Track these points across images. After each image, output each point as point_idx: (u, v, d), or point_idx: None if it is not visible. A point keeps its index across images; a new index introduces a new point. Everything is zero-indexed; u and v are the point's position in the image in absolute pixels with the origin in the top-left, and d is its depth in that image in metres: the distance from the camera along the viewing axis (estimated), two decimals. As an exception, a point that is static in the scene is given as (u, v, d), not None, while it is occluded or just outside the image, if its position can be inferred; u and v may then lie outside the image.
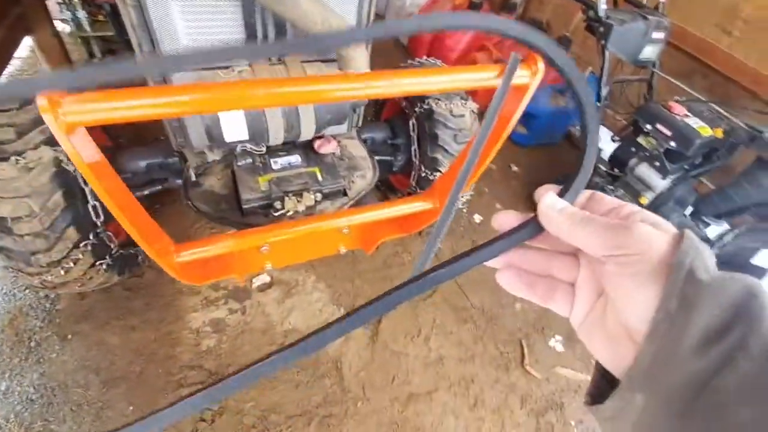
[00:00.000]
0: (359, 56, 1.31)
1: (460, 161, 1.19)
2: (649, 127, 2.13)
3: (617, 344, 0.32)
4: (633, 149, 2.28)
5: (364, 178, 1.63)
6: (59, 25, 2.54)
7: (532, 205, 0.38)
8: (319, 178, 1.49)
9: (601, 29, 2.06)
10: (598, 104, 2.32)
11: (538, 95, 2.79)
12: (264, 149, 1.49)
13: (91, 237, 1.44)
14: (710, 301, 0.26)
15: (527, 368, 1.96)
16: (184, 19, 1.18)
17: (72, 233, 1.38)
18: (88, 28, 2.41)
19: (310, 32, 1.18)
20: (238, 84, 0.65)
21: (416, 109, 1.81)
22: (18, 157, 1.26)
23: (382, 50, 4.01)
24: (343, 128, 1.57)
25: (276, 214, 1.38)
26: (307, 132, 1.38)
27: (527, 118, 2.97)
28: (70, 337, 1.73)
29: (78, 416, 1.53)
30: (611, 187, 2.24)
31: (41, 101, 0.53)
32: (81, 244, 1.42)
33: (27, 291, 1.82)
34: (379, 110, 2.27)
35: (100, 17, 2.36)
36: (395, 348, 1.91)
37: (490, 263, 0.38)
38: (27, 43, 2.66)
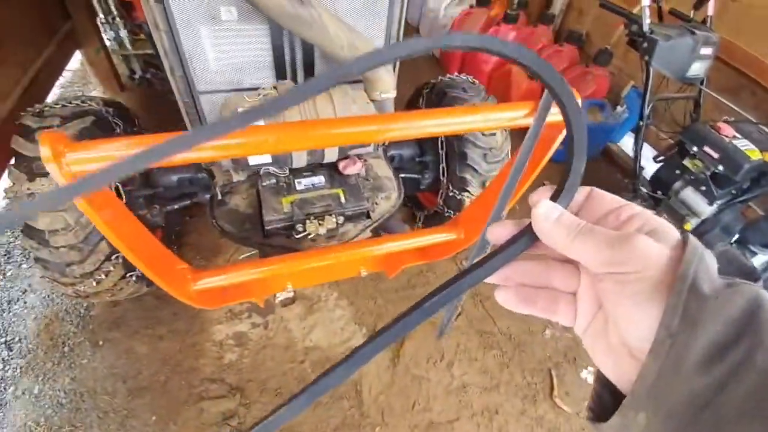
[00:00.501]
0: (385, 78, 1.28)
1: (487, 193, 1.14)
2: (695, 149, 1.98)
3: (619, 358, 0.31)
4: (678, 171, 2.13)
5: (389, 199, 1.60)
6: (109, 42, 2.69)
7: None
8: (342, 200, 1.47)
9: (645, 45, 1.94)
10: (641, 122, 2.18)
11: (574, 110, 2.67)
12: (287, 171, 1.48)
13: (122, 250, 1.48)
14: (714, 317, 0.25)
15: (556, 401, 1.85)
16: (214, 44, 1.20)
17: (104, 246, 1.42)
18: (129, 46, 2.53)
19: (337, 56, 1.17)
20: (261, 131, 0.63)
21: (445, 127, 1.76)
22: (58, 174, 1.31)
23: (413, 64, 3.98)
24: (369, 148, 1.55)
25: (298, 236, 1.37)
26: (330, 155, 1.37)
27: (562, 133, 2.85)
28: (101, 343, 1.79)
29: (104, 423, 1.58)
30: (653, 212, 2.10)
31: (45, 151, 0.52)
32: (112, 257, 1.46)
33: (64, 296, 1.91)
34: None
35: (141, 36, 2.47)
36: (416, 372, 1.85)
37: (488, 279, 0.35)
38: (77, 57, 2.83)
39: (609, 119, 2.73)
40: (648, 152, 2.47)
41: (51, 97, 2.47)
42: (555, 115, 0.80)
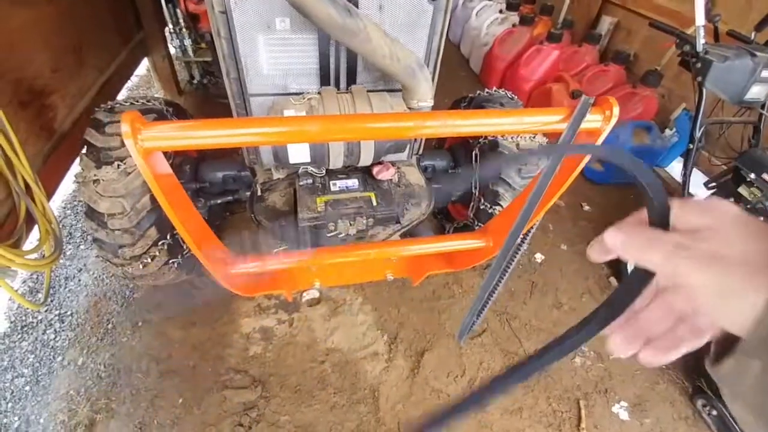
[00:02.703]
0: (424, 88, 1.32)
1: (519, 203, 1.13)
2: (753, 176, 1.85)
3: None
4: (731, 199, 1.99)
5: (419, 206, 1.62)
6: (171, 50, 2.95)
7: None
8: (374, 203, 1.51)
9: (698, 65, 1.87)
10: (691, 146, 2.08)
11: (618, 131, 2.60)
12: (324, 172, 1.55)
13: (168, 237, 1.60)
14: None
15: (583, 433, 1.75)
16: (267, 51, 1.30)
17: (153, 232, 1.54)
18: (191, 54, 2.77)
19: (378, 64, 1.22)
20: (302, 121, 0.68)
21: (480, 140, 1.77)
22: (120, 163, 1.45)
23: (451, 77, 4.03)
24: (403, 156, 1.59)
25: (329, 235, 1.42)
26: (366, 159, 1.42)
27: (604, 154, 2.76)
28: (140, 324, 1.91)
29: (135, 400, 1.67)
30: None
31: (125, 127, 0.60)
32: (159, 243, 1.58)
33: (113, 277, 2.06)
34: (443, 138, 2.27)
35: (203, 45, 2.70)
36: (436, 385, 1.82)
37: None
38: (144, 63, 3.11)
39: (656, 142, 2.62)
40: (698, 178, 2.34)
41: (119, 98, 2.72)
42: (591, 122, 0.80)
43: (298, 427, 1.65)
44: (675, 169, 2.88)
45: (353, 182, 1.56)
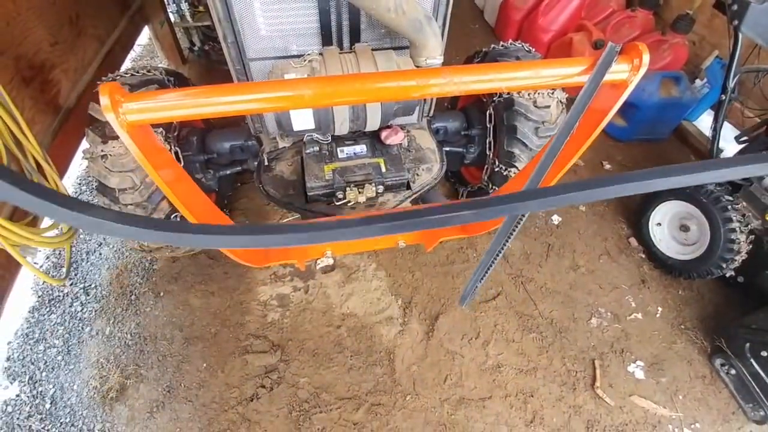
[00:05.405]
0: (432, 43, 1.23)
1: (534, 165, 1.07)
2: (792, 126, 1.72)
3: None
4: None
5: (430, 171, 1.57)
6: (172, 16, 2.84)
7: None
8: (383, 169, 1.47)
9: (735, 7, 1.70)
10: (723, 97, 1.93)
11: (643, 83, 2.42)
12: (329, 139, 1.50)
13: (180, 210, 1.60)
14: None
15: (598, 392, 1.77)
16: (263, 10, 1.22)
17: (165, 205, 1.55)
18: (189, 19, 2.65)
19: (383, 19, 1.14)
20: (297, 84, 0.63)
21: (495, 98, 1.68)
22: (126, 137, 1.43)
23: (464, 31, 3.80)
24: (412, 118, 1.52)
25: (338, 203, 1.40)
26: (372, 123, 1.36)
27: (627, 108, 2.60)
28: (162, 294, 1.97)
29: (162, 365, 1.76)
30: (729, 198, 1.86)
31: (104, 100, 0.56)
32: (172, 216, 1.59)
33: (131, 250, 2.12)
34: (456, 98, 2.16)
35: (200, 8, 2.58)
36: (450, 348, 1.85)
37: None
38: (146, 33, 3.02)
39: (685, 94, 2.45)
40: (729, 132, 2.19)
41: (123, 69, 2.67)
42: (616, 73, 0.72)
43: (317, 387, 1.71)
44: (704, 122, 2.70)
45: (361, 148, 1.51)
